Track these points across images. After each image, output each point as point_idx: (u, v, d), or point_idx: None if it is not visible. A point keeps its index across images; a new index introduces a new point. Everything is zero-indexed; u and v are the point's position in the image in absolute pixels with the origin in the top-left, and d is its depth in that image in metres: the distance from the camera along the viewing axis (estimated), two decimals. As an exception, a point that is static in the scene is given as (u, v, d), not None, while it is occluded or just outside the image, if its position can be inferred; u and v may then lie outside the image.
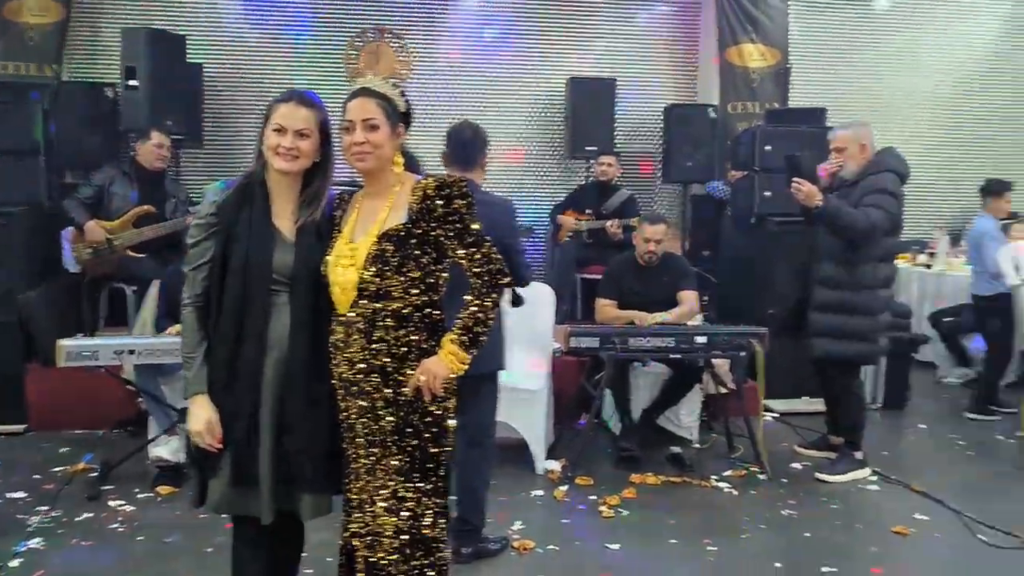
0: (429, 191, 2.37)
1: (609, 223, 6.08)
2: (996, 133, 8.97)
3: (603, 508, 4.12)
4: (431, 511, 2.41)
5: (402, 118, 2.44)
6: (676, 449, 4.87)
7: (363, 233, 2.37)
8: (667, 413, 5.03)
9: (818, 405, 5.48)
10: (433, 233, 2.37)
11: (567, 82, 7.68)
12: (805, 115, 6.61)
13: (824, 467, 4.66)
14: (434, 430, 2.41)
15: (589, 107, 7.44)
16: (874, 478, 4.59)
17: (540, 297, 4.85)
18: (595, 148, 7.24)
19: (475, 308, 2.40)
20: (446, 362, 2.36)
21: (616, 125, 7.67)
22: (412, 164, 2.62)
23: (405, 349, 2.38)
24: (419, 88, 7.95)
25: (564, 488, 4.34)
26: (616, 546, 3.72)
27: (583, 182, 7.37)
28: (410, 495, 2.38)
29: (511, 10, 8.05)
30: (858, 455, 4.66)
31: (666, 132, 7.64)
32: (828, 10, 8.53)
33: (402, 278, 2.35)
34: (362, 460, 2.40)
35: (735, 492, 4.39)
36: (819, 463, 4.75)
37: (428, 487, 2.40)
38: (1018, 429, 5.28)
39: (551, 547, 3.70)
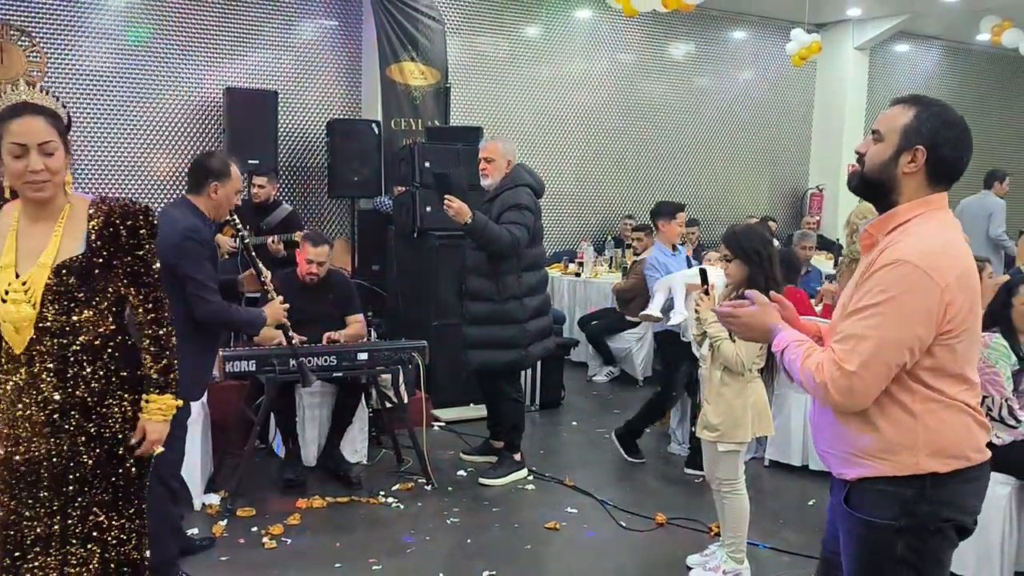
0: (114, 217, 2.18)
1: (270, 240, 5.87)
2: (634, 155, 10.05)
3: (266, 539, 3.93)
4: (135, 534, 2.33)
5: (67, 132, 2.26)
6: (345, 468, 4.79)
7: (31, 263, 2.11)
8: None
9: (483, 411, 5.71)
10: (116, 262, 2.20)
11: (224, 92, 7.33)
12: (463, 133, 6.86)
13: (486, 472, 4.83)
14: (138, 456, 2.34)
15: (249, 119, 7.15)
16: (531, 478, 4.86)
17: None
18: (257, 161, 6.97)
19: (163, 357, 2.33)
20: (160, 420, 2.32)
21: (280, 138, 7.49)
22: None
23: (105, 382, 2.22)
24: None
25: (223, 523, 4.08)
26: (277, 578, 3.57)
27: (244, 196, 7.05)
28: (115, 523, 2.27)
29: (162, 13, 7.52)
30: (517, 457, 4.90)
31: (330, 147, 7.58)
32: (483, 35, 9.01)
33: (91, 312, 2.17)
34: (44, 502, 2.21)
35: (402, 506, 4.41)
36: (482, 468, 4.93)
37: (132, 511, 2.32)
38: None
39: (207, 589, 3.46)
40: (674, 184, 10.39)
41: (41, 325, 2.10)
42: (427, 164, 6.11)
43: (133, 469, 2.31)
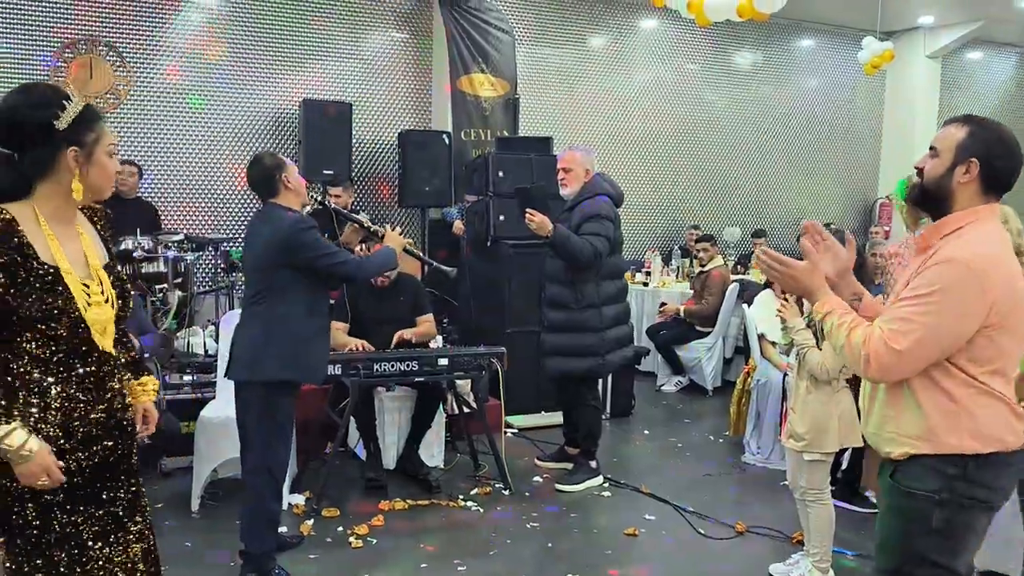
0: (110, 222, 2.30)
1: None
2: (700, 164, 10.03)
3: (352, 539, 4.03)
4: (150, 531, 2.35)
5: None
6: (424, 472, 4.88)
7: (80, 264, 2.09)
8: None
9: (554, 419, 5.77)
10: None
11: (301, 104, 7.52)
12: (534, 143, 6.93)
13: (562, 478, 4.88)
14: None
15: (324, 130, 7.33)
16: (607, 485, 4.89)
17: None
18: (332, 172, 7.14)
19: (133, 346, 2.39)
20: (153, 400, 2.38)
21: (353, 148, 7.66)
22: None
23: (123, 371, 2.29)
24: (139, 105, 7.46)
25: (310, 522, 4.20)
26: (367, 577, 3.67)
27: (319, 207, 7.24)
28: (143, 488, 2.30)
29: (239, 27, 7.77)
30: (592, 464, 4.93)
31: (402, 157, 7.73)
32: (550, 46, 9.10)
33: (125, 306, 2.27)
34: (100, 499, 2.16)
35: (481, 510, 4.48)
36: (557, 475, 4.97)
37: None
38: (726, 429, 5.84)
39: (300, 585, 3.57)
40: (740, 194, 10.35)
41: (117, 323, 2.16)
42: (500, 174, 6.20)
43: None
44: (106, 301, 2.10)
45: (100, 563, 2.13)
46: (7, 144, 2.01)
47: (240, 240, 6.84)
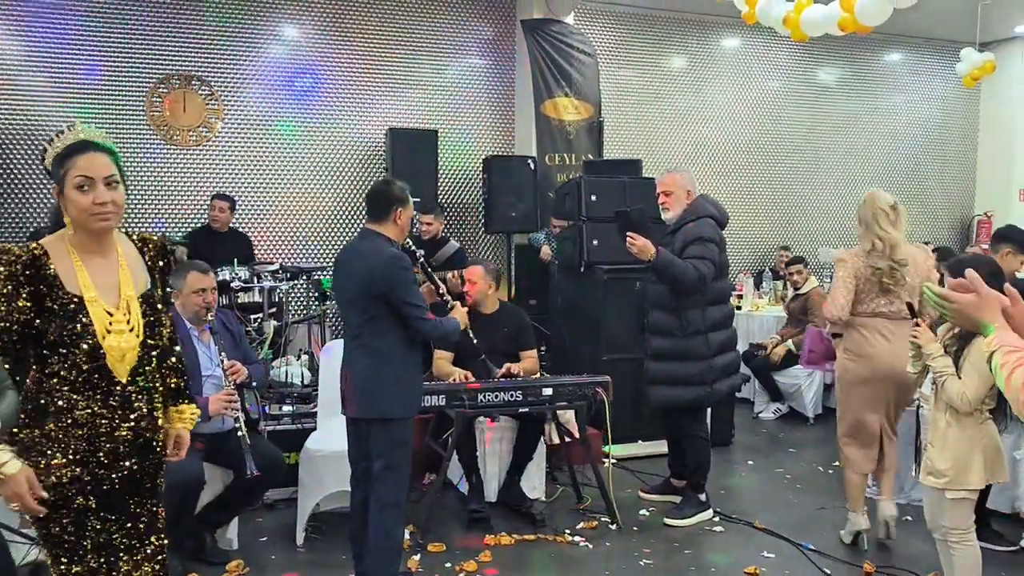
0: (165, 252, 2.37)
1: (450, 274, 5.96)
2: (787, 183, 9.78)
3: None
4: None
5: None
6: (527, 504, 4.76)
7: (110, 295, 2.19)
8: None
9: (653, 448, 5.60)
10: (164, 292, 2.39)
11: (387, 132, 7.55)
12: (623, 166, 6.80)
13: (670, 512, 4.70)
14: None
15: (411, 157, 7.35)
16: (718, 519, 4.69)
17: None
18: (419, 199, 7.10)
19: (185, 372, 2.48)
20: (192, 428, 2.47)
21: (439, 176, 7.66)
22: None
23: (162, 396, 2.37)
24: (229, 137, 7.59)
25: (416, 558, 4.11)
26: (481, 616, 3.55)
27: (408, 253, 7.26)
28: (161, 510, 2.37)
29: (324, 59, 7.87)
30: (702, 497, 4.74)
31: (487, 183, 7.68)
32: (632, 68, 8.99)
33: (165, 333, 2.35)
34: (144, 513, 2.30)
35: (590, 545, 4.32)
36: (664, 508, 4.80)
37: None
38: (835, 460, 5.58)
39: (413, 625, 3.47)
40: (830, 212, 10.05)
41: (141, 352, 2.22)
42: (593, 198, 6.09)
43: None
44: (131, 330, 2.19)
45: (123, 573, 2.25)
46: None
47: (332, 268, 6.89)
